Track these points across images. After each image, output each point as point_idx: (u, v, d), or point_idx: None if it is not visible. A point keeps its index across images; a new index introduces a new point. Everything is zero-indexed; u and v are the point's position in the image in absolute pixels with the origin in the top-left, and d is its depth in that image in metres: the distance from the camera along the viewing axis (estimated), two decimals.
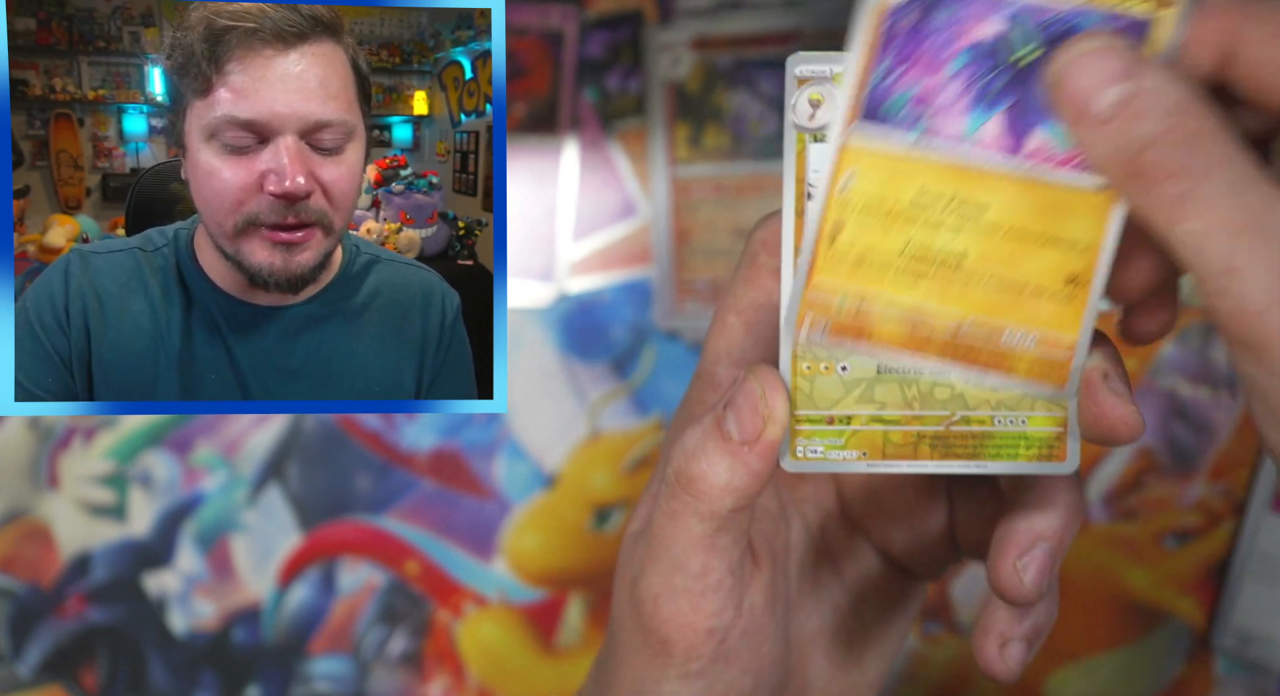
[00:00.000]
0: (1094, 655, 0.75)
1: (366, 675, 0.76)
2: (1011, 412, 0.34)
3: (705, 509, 0.35)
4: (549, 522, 0.76)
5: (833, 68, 0.34)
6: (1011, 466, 0.35)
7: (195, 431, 0.76)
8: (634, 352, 0.76)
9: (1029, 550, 0.36)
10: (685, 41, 0.76)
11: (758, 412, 0.34)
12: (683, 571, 0.36)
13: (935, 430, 0.34)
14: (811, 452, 0.35)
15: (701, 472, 0.35)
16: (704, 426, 0.35)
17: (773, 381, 0.34)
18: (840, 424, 0.35)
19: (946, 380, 0.34)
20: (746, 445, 0.34)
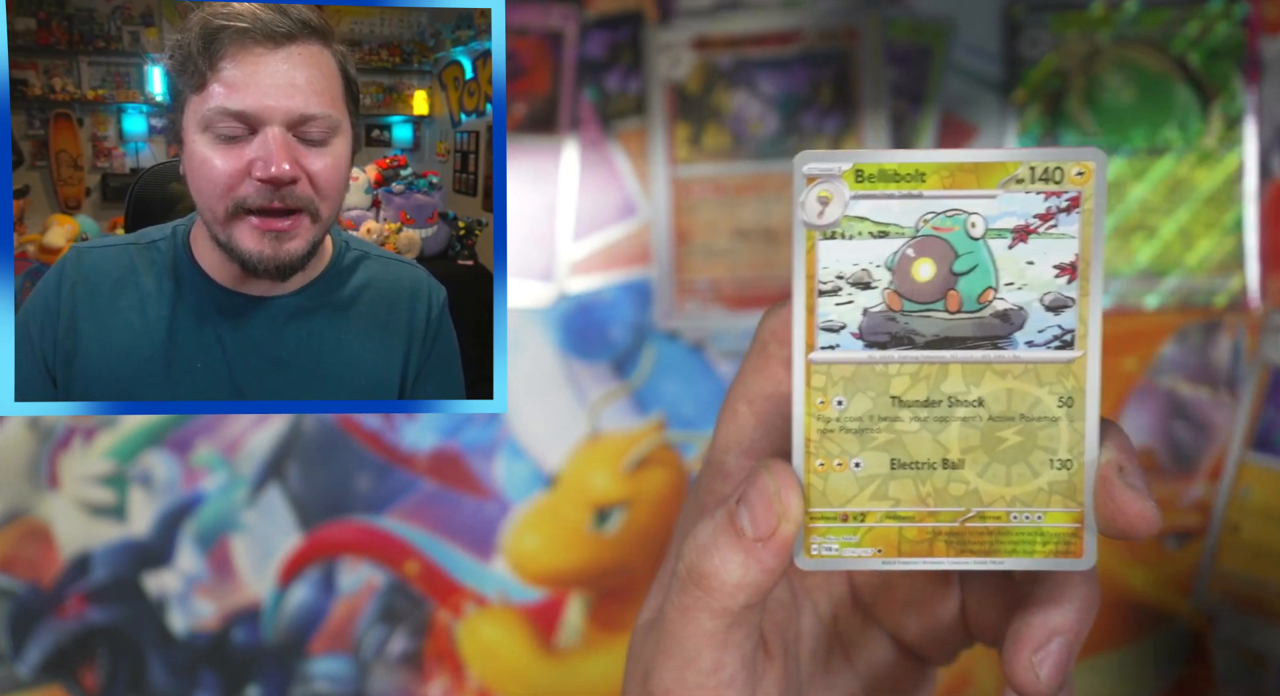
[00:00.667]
0: (1094, 655, 0.74)
1: (366, 675, 0.76)
2: (1027, 509, 0.34)
3: (718, 605, 0.35)
4: (549, 522, 0.76)
5: (840, 165, 0.34)
6: (1028, 563, 0.35)
7: (195, 431, 0.76)
8: (634, 352, 0.76)
9: (1045, 645, 0.36)
10: (685, 41, 0.76)
11: (771, 509, 0.34)
12: (695, 667, 0.36)
13: (950, 526, 0.34)
14: (826, 550, 0.35)
15: (714, 569, 0.34)
16: (717, 521, 0.35)
17: (787, 478, 0.34)
18: (855, 521, 0.35)
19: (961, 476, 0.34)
20: (760, 542, 0.34)
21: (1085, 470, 0.34)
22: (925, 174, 0.33)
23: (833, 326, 0.34)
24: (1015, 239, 0.33)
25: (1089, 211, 0.33)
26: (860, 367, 0.34)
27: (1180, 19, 0.74)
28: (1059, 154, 0.33)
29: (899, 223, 0.34)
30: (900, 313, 0.34)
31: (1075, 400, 0.34)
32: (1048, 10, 0.75)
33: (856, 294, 0.34)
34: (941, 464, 0.34)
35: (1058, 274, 0.34)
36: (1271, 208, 0.74)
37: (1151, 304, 0.74)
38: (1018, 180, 0.33)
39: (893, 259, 0.34)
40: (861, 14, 0.75)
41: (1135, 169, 0.74)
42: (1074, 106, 0.75)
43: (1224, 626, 0.73)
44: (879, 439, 0.34)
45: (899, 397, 0.34)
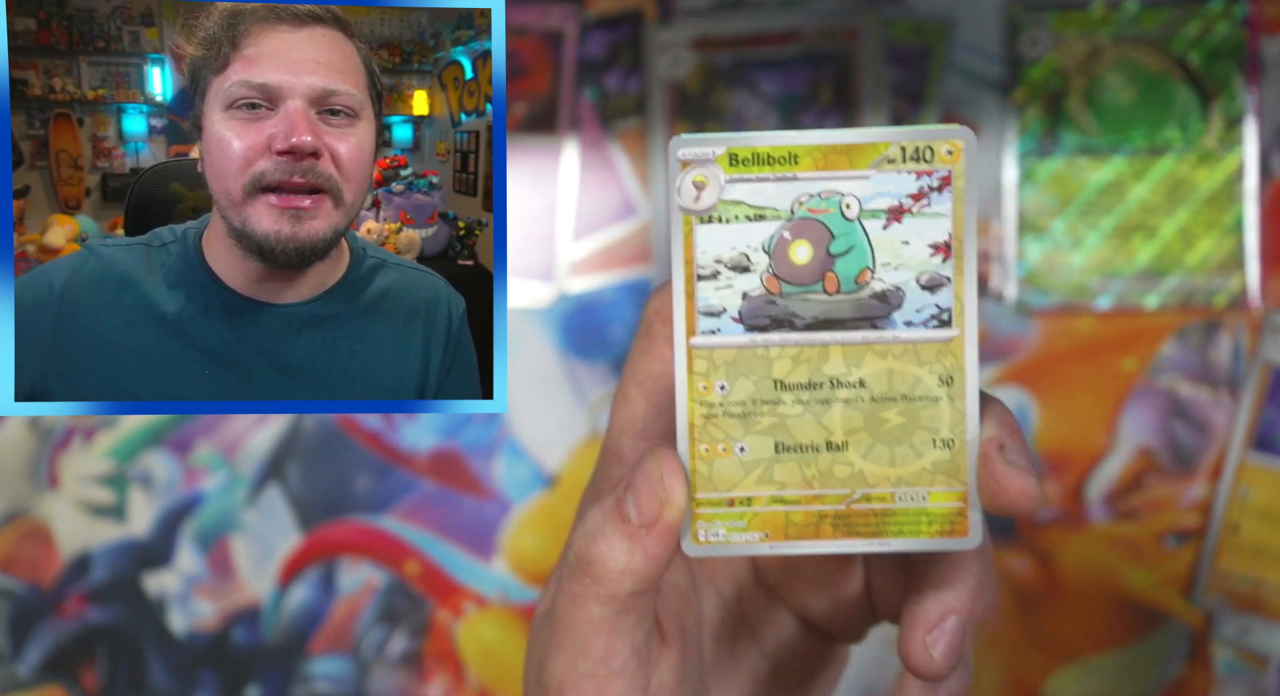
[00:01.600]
0: (1094, 655, 0.74)
1: (366, 675, 0.76)
2: (912, 489, 0.34)
3: (605, 592, 0.35)
4: (549, 522, 0.76)
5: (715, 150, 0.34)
6: (914, 543, 0.34)
7: (195, 431, 0.76)
8: None
9: (938, 625, 0.36)
10: (685, 41, 0.76)
11: (655, 496, 0.34)
12: (586, 656, 0.36)
13: (836, 509, 0.34)
14: (713, 535, 0.35)
15: (600, 556, 0.35)
16: (604, 509, 0.35)
17: (671, 464, 0.34)
18: (741, 505, 0.35)
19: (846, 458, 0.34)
20: (645, 528, 0.34)
21: (967, 448, 0.34)
22: (798, 156, 0.33)
23: (713, 311, 0.34)
24: (889, 219, 0.34)
25: (960, 189, 0.33)
26: (742, 352, 0.34)
27: (1180, 19, 0.74)
28: (929, 133, 0.33)
29: (775, 205, 0.34)
30: (779, 295, 0.34)
31: (955, 378, 0.34)
32: (1048, 10, 0.75)
33: (735, 278, 0.34)
34: (826, 446, 0.34)
35: (933, 253, 0.34)
36: (1271, 208, 0.74)
37: (1151, 304, 0.74)
38: (889, 160, 0.33)
39: (770, 242, 0.34)
40: (861, 14, 0.75)
41: (1135, 169, 0.74)
42: (1074, 106, 0.75)
43: (1223, 626, 0.73)
44: (763, 423, 0.34)
45: (781, 381, 0.34)
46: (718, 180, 0.34)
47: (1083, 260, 0.75)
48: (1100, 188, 0.75)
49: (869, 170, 0.33)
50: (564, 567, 0.36)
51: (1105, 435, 0.74)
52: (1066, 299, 0.75)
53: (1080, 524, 0.74)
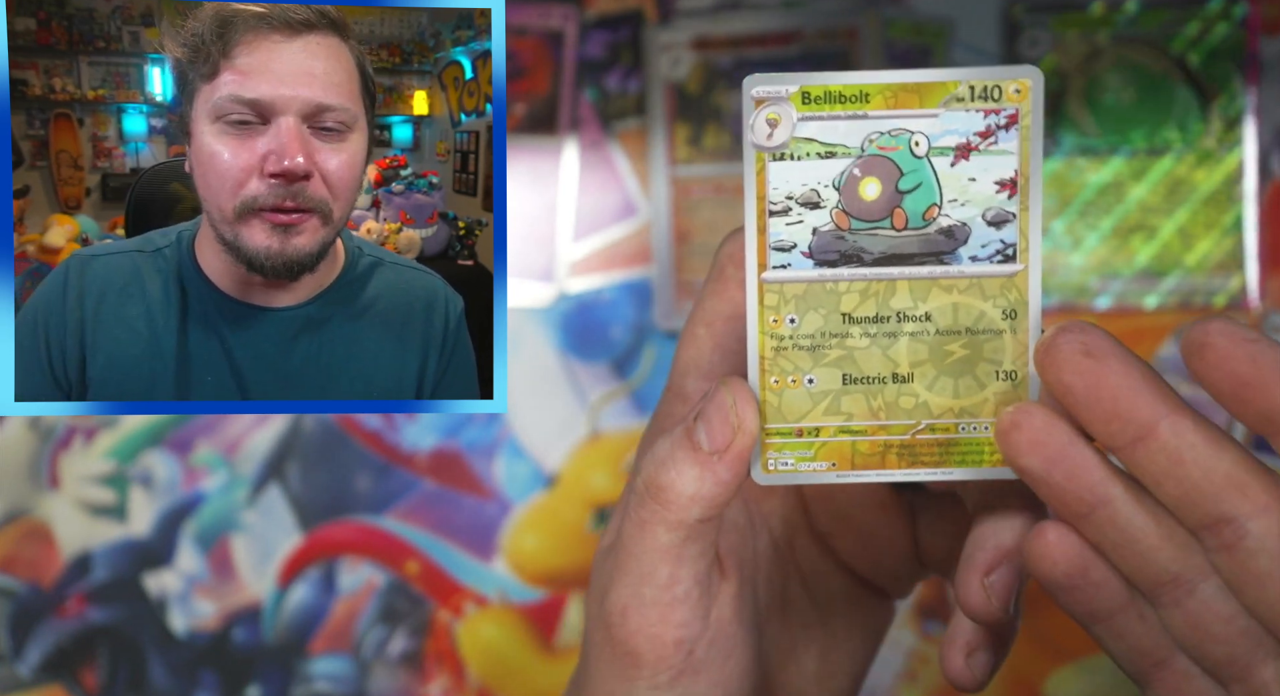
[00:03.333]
0: (1094, 655, 0.74)
1: (366, 675, 0.76)
2: (975, 420, 0.35)
3: (673, 518, 0.35)
4: (549, 522, 0.76)
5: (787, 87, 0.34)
6: (976, 472, 0.35)
7: (195, 431, 0.76)
8: (634, 352, 0.76)
9: (996, 567, 0.36)
10: (685, 41, 0.76)
11: (728, 423, 0.34)
12: (650, 582, 0.36)
13: (901, 439, 0.35)
14: (782, 464, 0.35)
15: (670, 481, 0.35)
16: (674, 436, 0.35)
17: (743, 393, 0.35)
18: (809, 435, 0.35)
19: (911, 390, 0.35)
20: (716, 455, 0.35)
21: (1029, 380, 0.35)
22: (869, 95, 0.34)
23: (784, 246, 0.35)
24: (957, 156, 0.34)
25: (1027, 127, 0.34)
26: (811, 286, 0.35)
27: (1180, 19, 0.74)
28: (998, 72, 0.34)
29: (845, 143, 0.34)
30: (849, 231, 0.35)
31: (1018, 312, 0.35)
32: (1048, 10, 0.75)
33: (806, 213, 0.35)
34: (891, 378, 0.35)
35: (998, 189, 0.34)
36: (1271, 208, 0.74)
37: (1151, 304, 0.74)
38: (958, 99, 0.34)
39: (840, 178, 0.34)
40: (861, 14, 0.75)
41: (1135, 169, 0.74)
42: (1074, 106, 0.75)
43: None
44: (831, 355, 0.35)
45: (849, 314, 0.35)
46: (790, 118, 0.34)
47: (1082, 260, 0.75)
48: (1100, 188, 0.75)
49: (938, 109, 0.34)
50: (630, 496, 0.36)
51: None
52: (1066, 299, 0.75)
53: None
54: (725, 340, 0.39)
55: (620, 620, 0.37)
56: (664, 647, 0.36)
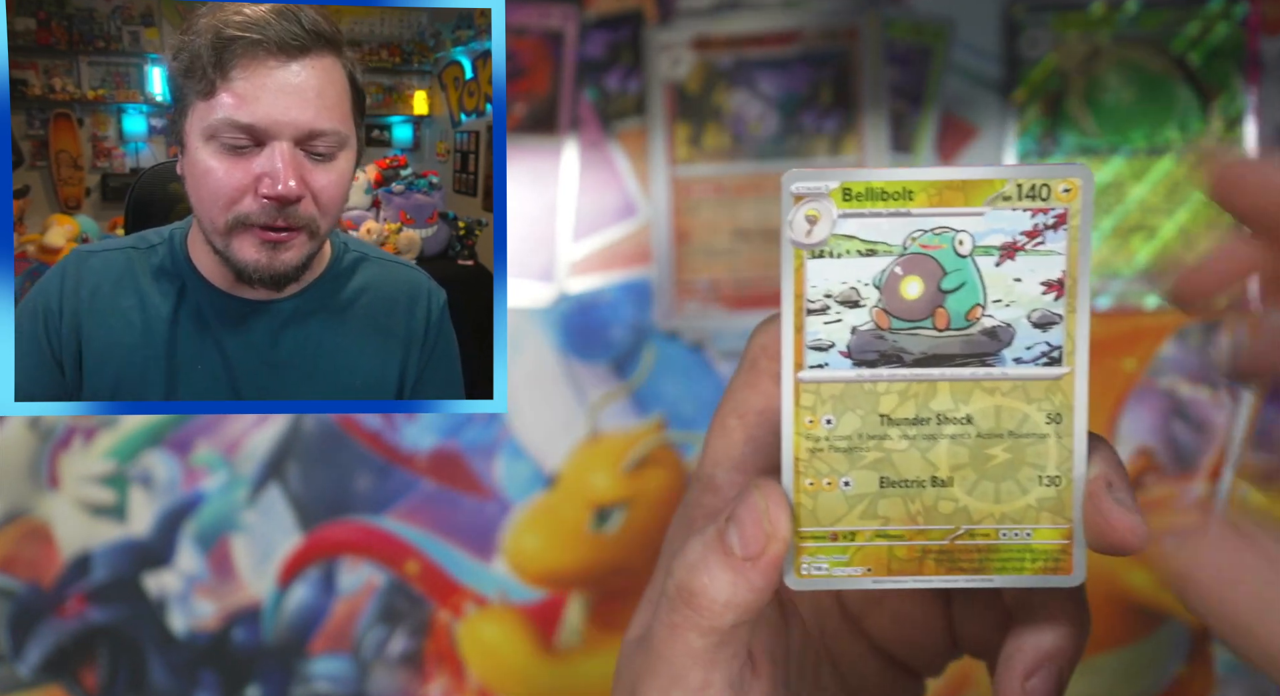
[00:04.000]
0: (1094, 655, 0.74)
1: (366, 675, 0.76)
2: (1016, 526, 0.34)
3: (706, 624, 0.35)
4: (549, 522, 0.76)
5: (828, 184, 0.34)
6: (1017, 580, 0.35)
7: (195, 431, 0.76)
8: (634, 352, 0.76)
9: (1036, 671, 0.36)
10: (685, 41, 0.76)
11: (761, 529, 0.34)
12: (681, 686, 0.36)
13: (940, 545, 0.34)
14: (816, 569, 0.35)
15: (703, 587, 0.34)
16: (706, 539, 0.35)
17: (776, 497, 0.34)
18: (844, 540, 0.35)
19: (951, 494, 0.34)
20: (750, 561, 0.34)
21: (1074, 486, 0.34)
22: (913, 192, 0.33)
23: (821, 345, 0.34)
24: (1003, 256, 0.33)
25: (1075, 227, 0.33)
26: (849, 386, 0.34)
27: (1180, 19, 0.74)
28: (1046, 171, 0.33)
29: (887, 241, 0.34)
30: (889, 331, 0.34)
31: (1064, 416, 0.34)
32: (1048, 10, 0.75)
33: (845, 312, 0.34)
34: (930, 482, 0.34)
35: (1045, 290, 0.33)
36: None
37: (1151, 304, 0.74)
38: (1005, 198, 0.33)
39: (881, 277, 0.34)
40: (861, 14, 0.75)
41: (1135, 169, 0.74)
42: (1074, 106, 0.75)
43: None
44: (868, 457, 0.34)
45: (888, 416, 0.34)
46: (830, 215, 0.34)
47: None
48: (1100, 188, 0.75)
49: (984, 207, 0.33)
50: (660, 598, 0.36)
51: (1105, 435, 0.74)
52: None
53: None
54: (758, 432, 0.39)
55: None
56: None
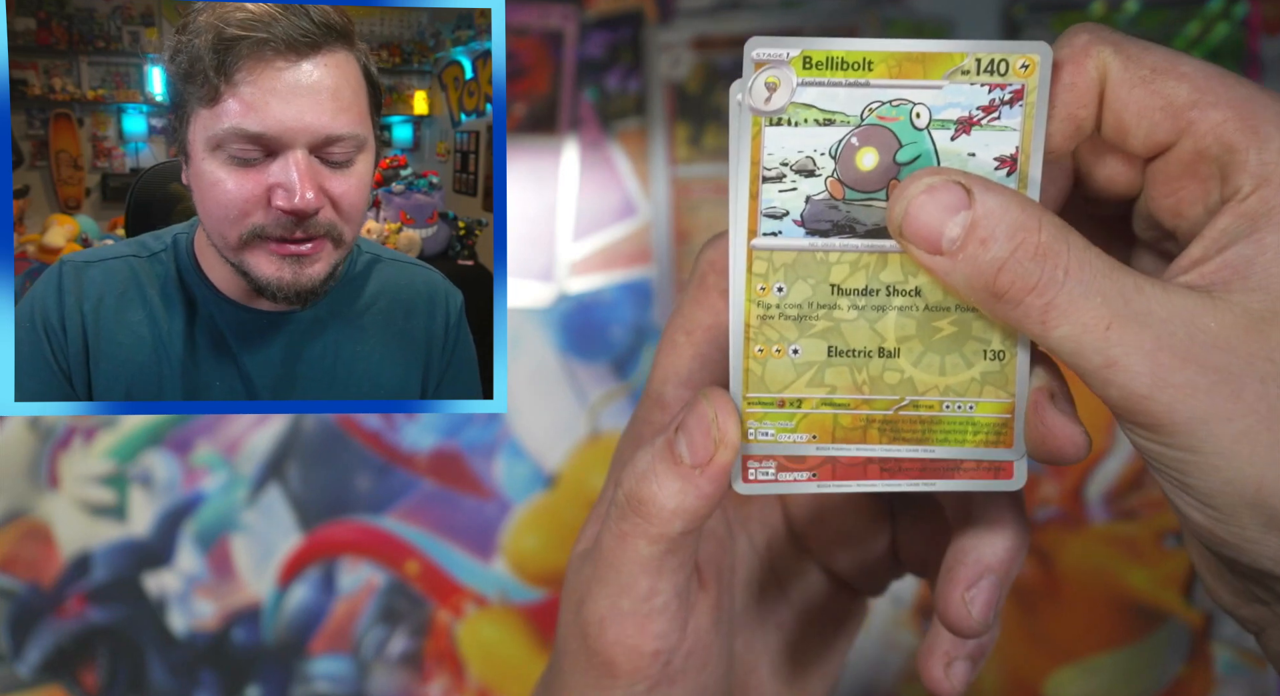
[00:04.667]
0: (1094, 655, 0.74)
1: (366, 675, 0.76)
2: (959, 398, 0.34)
3: (654, 531, 0.35)
4: (549, 522, 0.76)
5: (789, 51, 0.34)
6: (959, 451, 0.35)
7: (195, 431, 0.76)
8: (634, 353, 0.76)
9: (976, 582, 0.36)
10: (685, 41, 0.76)
11: (709, 436, 0.34)
12: (629, 593, 0.36)
13: (884, 414, 0.35)
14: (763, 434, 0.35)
15: (651, 495, 0.35)
16: (655, 449, 0.35)
17: (725, 405, 0.34)
18: (791, 406, 0.35)
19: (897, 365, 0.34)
20: (698, 468, 0.34)
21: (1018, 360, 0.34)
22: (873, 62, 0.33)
23: (775, 213, 0.34)
24: (959, 130, 0.33)
25: (1032, 104, 0.33)
26: (801, 255, 0.34)
27: (1180, 19, 0.74)
28: (1006, 46, 0.33)
29: (844, 111, 0.34)
30: (843, 201, 0.34)
31: None
32: (1048, 10, 0.75)
33: (800, 181, 0.34)
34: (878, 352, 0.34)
35: (998, 166, 0.34)
36: None
37: None
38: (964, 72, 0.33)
39: (837, 147, 0.34)
40: (861, 14, 0.75)
41: None
42: None
43: (1223, 626, 0.73)
44: (817, 326, 0.34)
45: (838, 286, 0.34)
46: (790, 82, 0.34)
47: None
48: None
49: (942, 81, 0.33)
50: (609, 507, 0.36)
51: (1105, 435, 0.74)
52: None
53: (1080, 524, 0.74)
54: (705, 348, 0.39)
55: (598, 630, 0.37)
56: (641, 658, 0.37)
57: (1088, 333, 0.30)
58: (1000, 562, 0.37)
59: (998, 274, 0.31)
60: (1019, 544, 0.37)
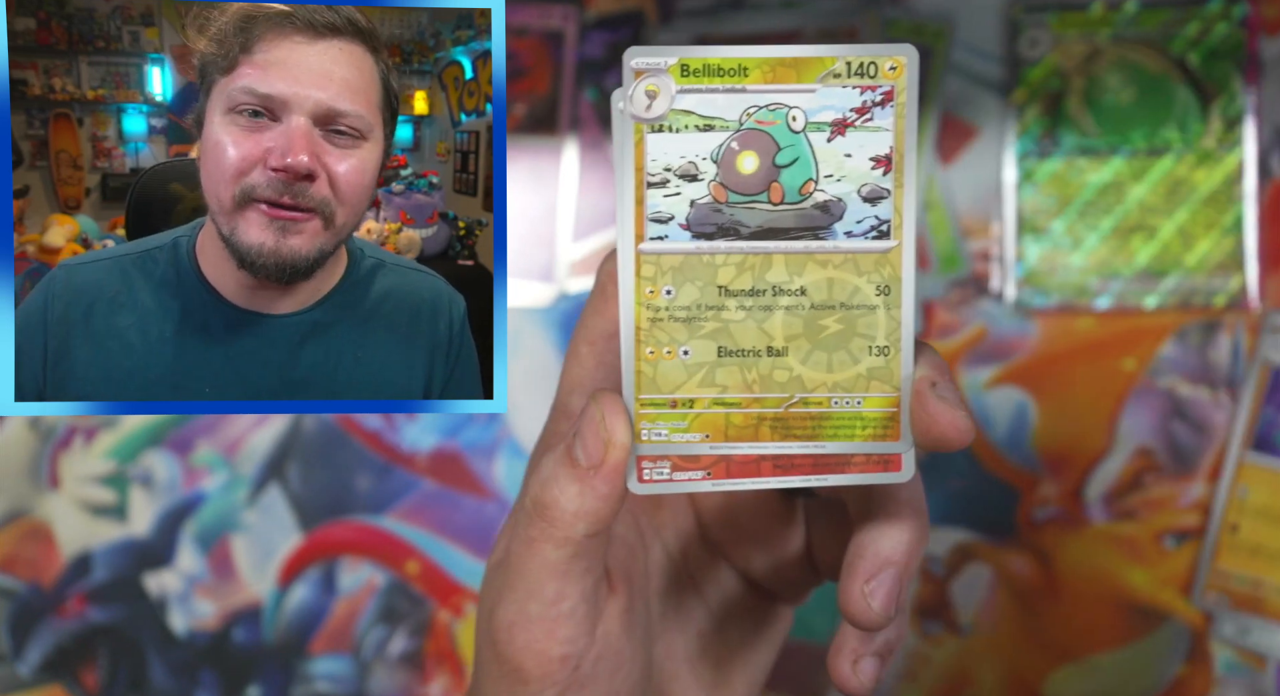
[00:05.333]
0: (1094, 655, 0.75)
1: (366, 675, 0.76)
2: (847, 394, 0.35)
3: (560, 535, 0.36)
4: None
5: (666, 60, 0.35)
6: (849, 446, 0.36)
7: (195, 431, 0.76)
8: None
9: (876, 575, 0.37)
10: (685, 42, 0.76)
11: (599, 438, 0.35)
12: (537, 598, 0.37)
13: (775, 412, 0.35)
14: (656, 435, 0.36)
15: (554, 499, 0.36)
16: (556, 455, 0.36)
17: (613, 407, 0.35)
18: (684, 407, 0.35)
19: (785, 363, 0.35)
20: (593, 469, 0.35)
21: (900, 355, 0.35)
22: (748, 68, 0.34)
23: (661, 217, 0.35)
24: (834, 132, 0.34)
25: (902, 105, 0.34)
26: (688, 258, 0.35)
27: (1180, 19, 0.74)
28: (873, 49, 0.34)
29: (723, 116, 0.35)
30: (726, 204, 0.35)
31: (892, 288, 0.35)
32: (1048, 10, 0.75)
33: (684, 186, 0.35)
34: (766, 351, 0.35)
35: (874, 166, 0.35)
36: (1271, 208, 0.74)
37: (1151, 304, 0.74)
38: (835, 75, 0.34)
39: (718, 151, 0.35)
40: (861, 14, 0.75)
41: (1135, 169, 0.74)
42: (1074, 106, 0.75)
43: (1222, 626, 0.73)
44: (706, 327, 0.35)
45: (725, 287, 0.35)
46: (669, 90, 0.35)
47: (1082, 260, 0.75)
48: (1100, 188, 0.75)
49: (815, 84, 0.34)
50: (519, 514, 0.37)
51: (1105, 435, 0.74)
52: (1066, 299, 0.75)
53: (1080, 524, 0.75)
54: (608, 357, 0.40)
55: (507, 637, 0.37)
56: (549, 663, 0.37)
57: None
58: (899, 555, 0.37)
59: None
60: (918, 536, 0.37)
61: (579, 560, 0.36)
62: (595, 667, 0.38)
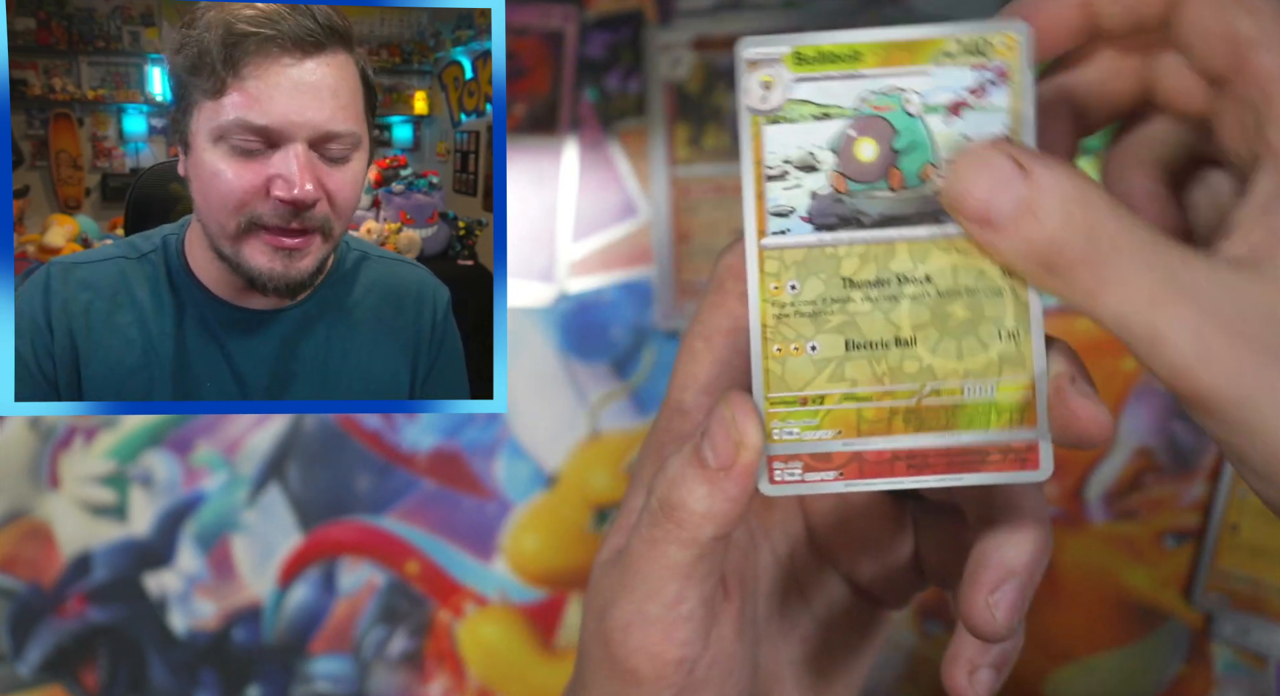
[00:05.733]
0: (1094, 655, 0.75)
1: (366, 675, 0.76)
2: (980, 381, 0.35)
3: (686, 536, 0.35)
4: (549, 522, 0.76)
5: (780, 49, 0.34)
6: (985, 435, 0.35)
7: (195, 431, 0.76)
8: (634, 353, 0.76)
9: (1000, 586, 0.36)
10: (685, 41, 0.76)
11: (730, 439, 0.34)
12: (657, 599, 0.36)
13: (907, 404, 0.35)
14: (787, 434, 0.35)
15: (682, 500, 0.35)
16: (683, 455, 0.35)
17: (744, 407, 0.34)
18: (814, 404, 0.35)
19: (914, 353, 0.35)
20: (723, 471, 0.34)
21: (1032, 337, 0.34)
22: (861, 53, 0.34)
23: (782, 211, 0.34)
24: (950, 113, 0.34)
25: (1017, 83, 0.34)
26: (811, 251, 0.34)
27: None
28: (985, 26, 0.34)
29: (840, 103, 0.34)
30: (846, 194, 0.34)
31: None
32: None
33: (803, 177, 0.34)
34: (894, 342, 0.35)
35: None
36: None
37: None
38: (947, 54, 0.34)
39: (836, 140, 0.34)
40: (861, 14, 0.75)
41: None
42: None
43: (1222, 625, 0.73)
44: (833, 321, 0.35)
45: (850, 279, 0.34)
46: (783, 80, 0.34)
47: None
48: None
49: (929, 65, 0.34)
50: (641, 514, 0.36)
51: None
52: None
53: (1080, 524, 0.75)
54: (724, 353, 0.39)
55: (622, 637, 0.36)
56: (665, 666, 0.36)
57: (1133, 306, 0.30)
58: (1024, 565, 0.36)
59: (1048, 247, 0.31)
60: (1043, 545, 0.37)
61: (702, 562, 0.36)
62: (709, 672, 0.37)
